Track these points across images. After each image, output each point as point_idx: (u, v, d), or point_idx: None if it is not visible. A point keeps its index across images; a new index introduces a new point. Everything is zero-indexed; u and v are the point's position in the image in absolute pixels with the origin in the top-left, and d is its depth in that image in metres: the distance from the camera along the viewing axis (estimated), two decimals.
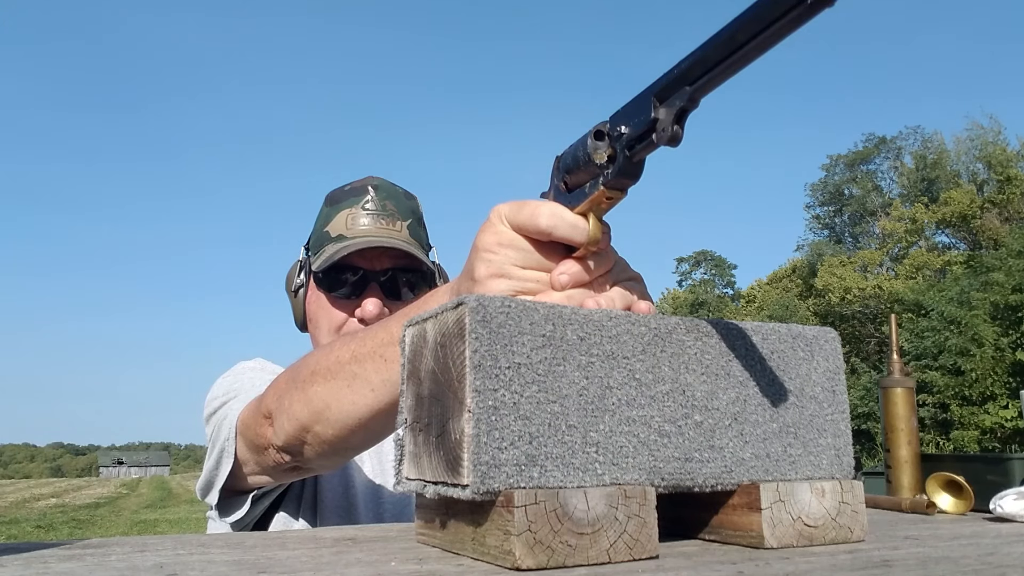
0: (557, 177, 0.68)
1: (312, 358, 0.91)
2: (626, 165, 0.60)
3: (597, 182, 0.62)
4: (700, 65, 0.54)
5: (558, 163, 0.68)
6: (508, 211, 0.66)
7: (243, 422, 1.03)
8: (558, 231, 0.63)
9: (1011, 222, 25.90)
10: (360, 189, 1.34)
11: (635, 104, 0.60)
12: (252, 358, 1.32)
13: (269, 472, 1.03)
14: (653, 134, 0.57)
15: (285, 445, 0.93)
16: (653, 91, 0.57)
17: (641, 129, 0.58)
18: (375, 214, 1.31)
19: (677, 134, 0.56)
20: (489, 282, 0.65)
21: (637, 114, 0.59)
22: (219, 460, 1.06)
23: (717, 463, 0.60)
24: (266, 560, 0.58)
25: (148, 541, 0.68)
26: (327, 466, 1.02)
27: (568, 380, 0.55)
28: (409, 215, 1.35)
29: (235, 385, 1.17)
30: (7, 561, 0.58)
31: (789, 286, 36.04)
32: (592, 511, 0.53)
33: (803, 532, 0.61)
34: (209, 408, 1.18)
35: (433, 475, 0.56)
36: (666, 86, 0.56)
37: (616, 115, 0.61)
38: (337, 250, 1.26)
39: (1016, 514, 0.80)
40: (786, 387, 0.65)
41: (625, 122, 0.60)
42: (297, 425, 0.89)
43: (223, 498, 1.10)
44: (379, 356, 0.80)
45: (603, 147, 0.62)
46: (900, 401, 1.05)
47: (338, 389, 0.84)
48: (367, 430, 0.86)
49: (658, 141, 0.57)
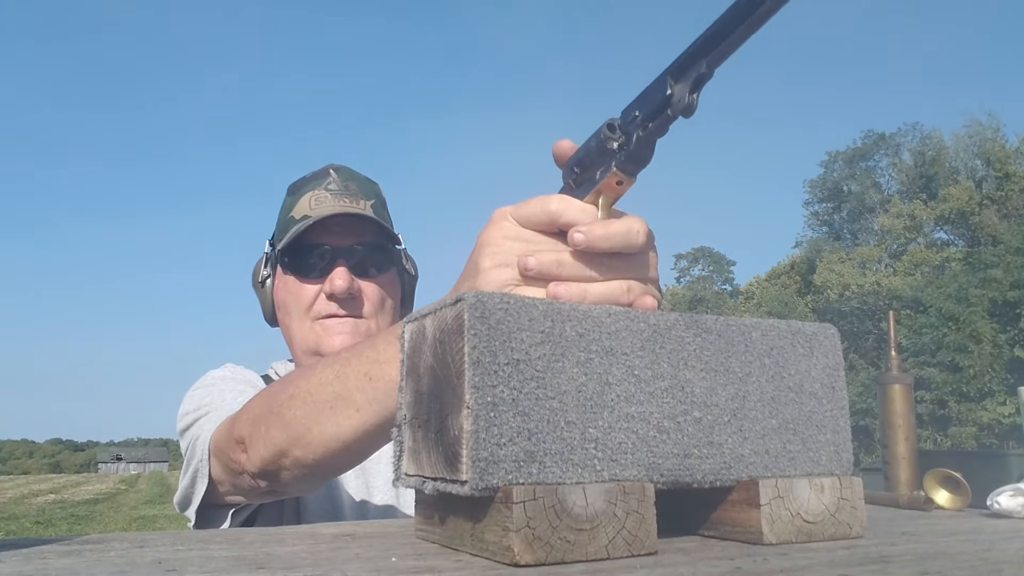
0: (566, 178, 0.69)
1: (290, 381, 0.88)
2: (637, 149, 0.60)
3: (608, 169, 0.62)
4: (715, 38, 0.54)
5: (567, 166, 0.68)
6: (512, 208, 0.66)
7: (216, 444, 1.00)
8: (567, 215, 0.63)
9: (1009, 219, 25.91)
10: (321, 174, 1.32)
11: (650, 89, 0.60)
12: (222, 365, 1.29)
13: (244, 494, 1.01)
14: (668, 108, 0.57)
15: (260, 471, 0.90)
16: (668, 71, 0.58)
17: (655, 107, 0.58)
18: (339, 193, 1.28)
19: (692, 103, 0.56)
20: (493, 272, 0.64)
21: (652, 96, 0.59)
22: (194, 480, 1.04)
23: (716, 459, 0.60)
24: (265, 556, 0.58)
25: (147, 537, 0.68)
26: (306, 489, 0.99)
27: (567, 376, 0.55)
28: (373, 196, 1.32)
29: (206, 400, 1.15)
30: (6, 557, 0.58)
31: (788, 283, 36.08)
32: (591, 507, 0.53)
33: (802, 528, 0.61)
34: (181, 423, 1.15)
35: (432, 471, 0.56)
36: (682, 64, 0.57)
37: (629, 105, 0.62)
38: (301, 226, 1.22)
39: (1013, 510, 0.80)
40: (785, 383, 0.65)
41: (639, 107, 0.60)
42: (275, 450, 0.86)
43: (202, 510, 1.07)
44: (364, 375, 0.77)
45: (614, 136, 0.62)
46: (898, 397, 1.05)
47: (319, 411, 0.81)
48: (350, 452, 0.83)
49: (673, 113, 0.57)
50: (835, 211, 39.52)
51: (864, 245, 34.39)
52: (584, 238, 0.62)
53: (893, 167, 36.79)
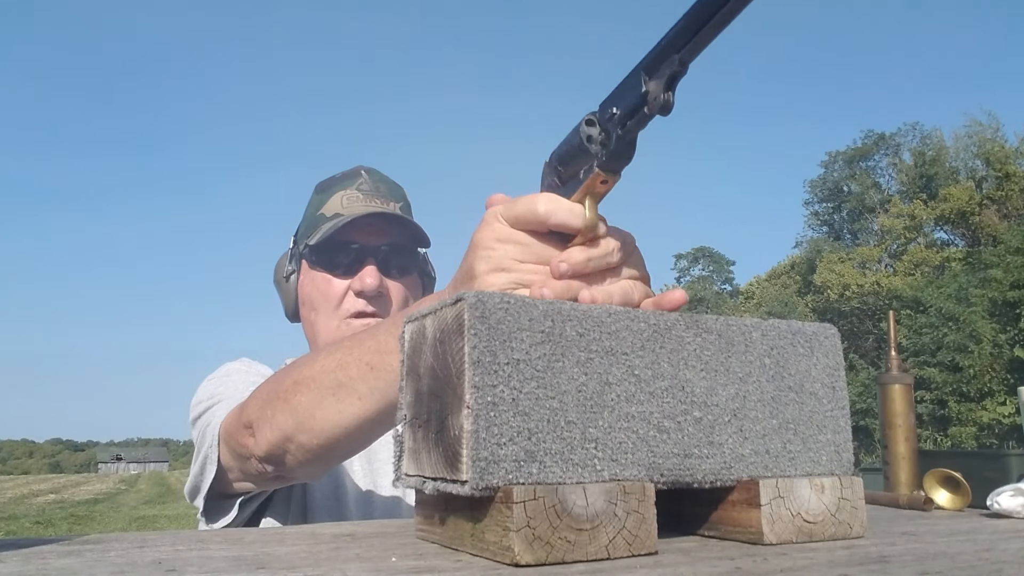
0: (550, 175, 0.68)
1: (295, 367, 0.89)
2: (619, 146, 0.60)
3: (591, 168, 0.62)
4: (685, 32, 0.54)
5: (550, 162, 0.68)
6: (503, 208, 0.66)
7: (225, 430, 1.02)
8: (555, 216, 0.63)
9: (1009, 219, 25.92)
10: (352, 173, 1.35)
11: (624, 85, 0.60)
12: (237, 358, 1.31)
13: (252, 480, 1.02)
14: (645, 107, 0.57)
15: (267, 455, 0.92)
16: (642, 67, 0.57)
17: (632, 105, 0.58)
18: (370, 193, 1.31)
19: (668, 101, 0.56)
20: (489, 276, 0.65)
21: (627, 93, 0.59)
22: (203, 466, 1.06)
23: (716, 459, 0.60)
24: (265, 556, 0.58)
25: (147, 537, 0.68)
26: (312, 475, 1.01)
27: (567, 376, 0.55)
28: (401, 199, 1.36)
29: (219, 389, 1.16)
30: (6, 557, 0.58)
31: (788, 283, 36.07)
32: (591, 507, 0.53)
33: (802, 528, 0.61)
34: (194, 412, 1.17)
35: (432, 471, 0.56)
36: (654, 59, 0.56)
37: (605, 101, 0.61)
38: (334, 224, 1.25)
39: (1013, 510, 0.80)
40: (786, 383, 0.65)
41: (616, 104, 0.60)
42: (280, 435, 0.88)
43: (211, 499, 1.09)
44: (366, 364, 0.79)
45: (594, 133, 0.62)
46: (898, 397, 1.05)
47: (322, 398, 0.83)
48: (352, 439, 0.85)
49: (650, 111, 0.57)
50: (835, 211, 39.50)
51: (864, 245, 34.38)
52: (568, 267, 0.64)
53: (893, 167, 36.77)
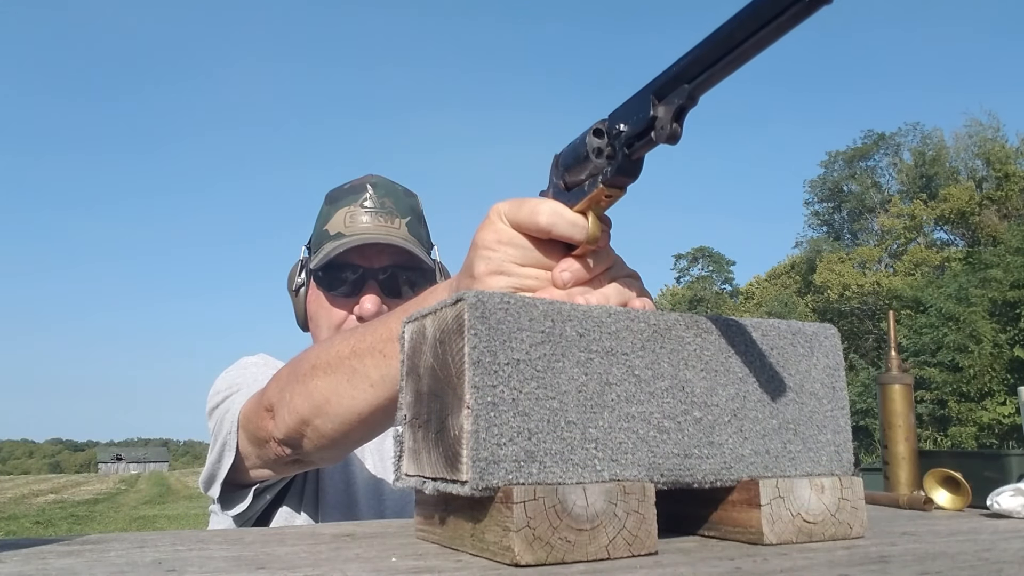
0: (556, 175, 0.68)
1: (313, 352, 0.91)
2: (625, 163, 0.60)
3: (596, 180, 0.62)
4: (699, 63, 0.53)
5: (557, 161, 0.68)
6: (507, 209, 0.66)
7: (245, 416, 1.04)
8: (557, 229, 0.64)
9: (1009, 219, 25.92)
10: (359, 187, 1.35)
11: (634, 102, 0.59)
12: (255, 353, 1.33)
13: (270, 465, 1.04)
14: (652, 132, 0.57)
15: (286, 438, 0.94)
16: (652, 89, 0.57)
17: (640, 127, 0.58)
18: (374, 212, 1.31)
19: (676, 132, 0.56)
20: (488, 279, 0.65)
21: (636, 112, 0.59)
22: (221, 453, 1.07)
23: (716, 459, 0.60)
24: (265, 556, 0.58)
25: (147, 537, 0.68)
26: (327, 459, 1.03)
27: (567, 376, 0.55)
28: (408, 212, 1.35)
29: (238, 380, 1.18)
30: (6, 557, 0.58)
31: (788, 283, 36.07)
32: (591, 507, 0.53)
33: (802, 528, 0.61)
34: (212, 402, 1.19)
35: (432, 471, 0.56)
36: (665, 84, 0.56)
37: (615, 113, 0.61)
38: (334, 248, 1.26)
39: (1013, 510, 0.80)
40: (786, 383, 0.65)
41: (624, 120, 0.60)
42: (298, 418, 0.90)
43: (226, 491, 1.11)
44: (378, 352, 0.80)
45: (602, 145, 0.62)
46: (898, 397, 1.05)
47: (337, 384, 0.84)
48: (366, 425, 0.87)
49: (657, 139, 0.57)
50: (835, 211, 39.50)
51: (864, 245, 34.37)
52: (571, 276, 0.65)
53: (893, 167, 36.78)
